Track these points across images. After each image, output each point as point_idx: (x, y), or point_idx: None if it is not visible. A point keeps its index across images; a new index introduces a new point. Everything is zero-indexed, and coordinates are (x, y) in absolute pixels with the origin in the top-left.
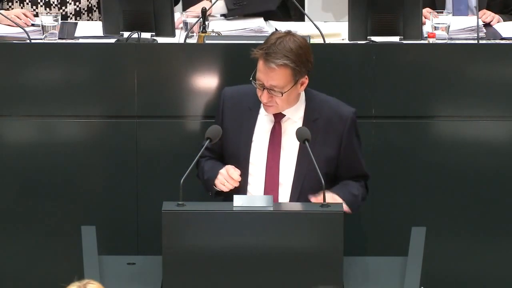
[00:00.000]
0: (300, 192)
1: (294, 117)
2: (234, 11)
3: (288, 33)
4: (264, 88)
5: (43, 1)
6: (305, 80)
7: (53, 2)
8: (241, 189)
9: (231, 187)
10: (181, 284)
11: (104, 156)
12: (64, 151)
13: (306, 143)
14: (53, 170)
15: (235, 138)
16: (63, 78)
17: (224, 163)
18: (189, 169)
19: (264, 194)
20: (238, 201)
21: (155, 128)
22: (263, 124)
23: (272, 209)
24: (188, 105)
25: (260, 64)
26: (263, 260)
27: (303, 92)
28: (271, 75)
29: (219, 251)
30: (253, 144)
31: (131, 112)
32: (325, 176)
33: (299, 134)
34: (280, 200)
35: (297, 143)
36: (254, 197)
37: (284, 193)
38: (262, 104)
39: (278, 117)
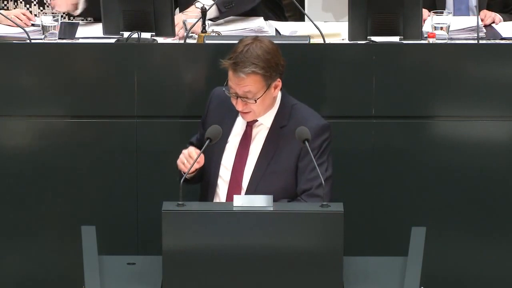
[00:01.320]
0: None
1: (266, 123)
2: (225, 13)
3: (255, 39)
4: (237, 97)
5: (36, 0)
6: (278, 83)
7: (46, 1)
8: (210, 191)
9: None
10: (181, 284)
11: (104, 156)
12: (64, 151)
13: (306, 143)
14: (53, 170)
15: None
16: (63, 78)
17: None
18: (189, 169)
19: (227, 197)
20: (238, 201)
21: (155, 128)
22: (239, 126)
23: (272, 209)
24: (188, 105)
25: (230, 74)
26: (263, 260)
27: (279, 97)
28: (241, 83)
29: (219, 251)
30: (227, 146)
31: (131, 112)
32: (283, 190)
33: (298, 133)
34: None
35: (263, 150)
36: (254, 197)
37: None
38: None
39: (251, 122)
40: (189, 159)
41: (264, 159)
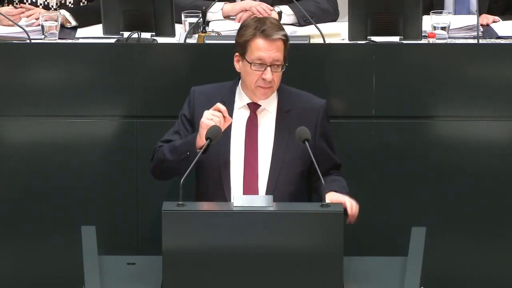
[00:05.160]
0: (275, 185)
1: (269, 108)
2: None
3: (259, 17)
4: (266, 66)
5: (42, 4)
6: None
7: (52, 6)
8: (226, 190)
9: (220, 120)
10: (181, 284)
11: (104, 156)
12: (64, 151)
13: (306, 143)
14: (53, 170)
15: None
16: (63, 78)
17: (200, 166)
18: (189, 169)
19: (243, 190)
20: (238, 201)
21: (155, 128)
22: (239, 117)
23: (272, 209)
24: None
25: (259, 42)
26: (263, 260)
27: None
28: (274, 48)
29: (219, 251)
30: (232, 142)
31: (131, 112)
32: (302, 175)
33: (298, 134)
34: (259, 194)
35: (273, 135)
36: (254, 197)
37: (263, 187)
38: (256, 91)
39: (254, 108)
40: (217, 112)
41: (280, 147)
